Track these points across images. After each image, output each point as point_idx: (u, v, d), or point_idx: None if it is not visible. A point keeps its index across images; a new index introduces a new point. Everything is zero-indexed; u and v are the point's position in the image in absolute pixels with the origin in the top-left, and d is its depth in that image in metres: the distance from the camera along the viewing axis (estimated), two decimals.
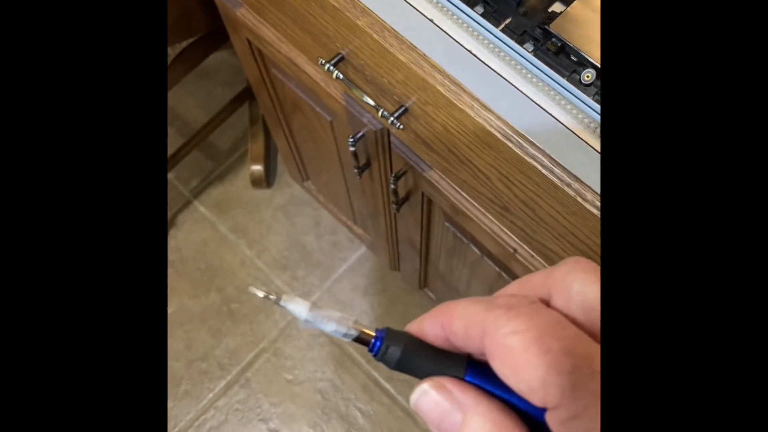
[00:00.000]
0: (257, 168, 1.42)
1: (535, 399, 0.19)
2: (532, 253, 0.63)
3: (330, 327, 0.23)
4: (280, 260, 1.39)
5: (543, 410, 0.20)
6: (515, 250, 0.64)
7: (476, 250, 0.76)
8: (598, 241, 0.50)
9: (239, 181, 1.47)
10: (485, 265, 0.77)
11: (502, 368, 0.20)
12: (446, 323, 0.22)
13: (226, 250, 1.41)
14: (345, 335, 0.23)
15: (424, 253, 0.97)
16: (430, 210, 0.80)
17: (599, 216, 0.47)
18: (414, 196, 0.78)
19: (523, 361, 0.19)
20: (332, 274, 1.38)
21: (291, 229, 1.43)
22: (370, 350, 0.23)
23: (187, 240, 1.41)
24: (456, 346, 0.23)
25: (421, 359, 0.23)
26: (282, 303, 0.23)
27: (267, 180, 1.45)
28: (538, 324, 0.20)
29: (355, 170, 0.81)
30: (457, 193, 0.67)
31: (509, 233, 0.64)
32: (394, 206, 0.81)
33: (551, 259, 0.60)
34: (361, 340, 0.23)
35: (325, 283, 1.37)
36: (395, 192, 0.77)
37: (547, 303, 0.22)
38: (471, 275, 0.86)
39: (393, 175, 0.74)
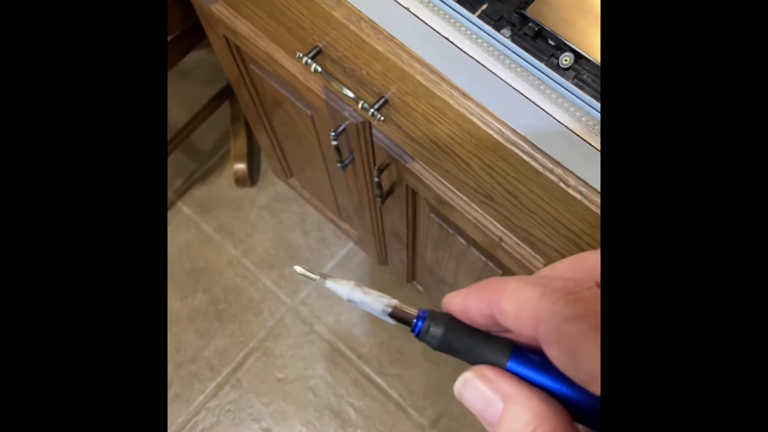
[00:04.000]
0: (240, 166, 1.41)
1: (597, 389, 0.19)
2: (518, 241, 0.63)
3: (373, 306, 0.24)
4: (267, 258, 1.38)
5: (590, 396, 0.19)
6: (500, 239, 0.64)
7: (462, 240, 0.76)
8: (583, 226, 0.50)
9: (223, 181, 1.46)
10: (472, 255, 0.77)
11: (559, 356, 0.19)
12: (494, 302, 0.21)
13: (212, 251, 1.40)
14: (390, 314, 0.24)
15: (411, 245, 0.97)
16: (414, 202, 0.80)
17: (583, 201, 0.47)
18: (398, 188, 0.78)
19: (582, 349, 0.19)
20: (320, 270, 1.37)
21: (277, 226, 1.42)
22: (412, 330, 0.23)
23: (172, 241, 1.40)
24: (503, 327, 0.22)
25: (464, 340, 0.23)
26: (327, 284, 0.24)
27: (251, 178, 1.44)
28: (598, 310, 0.19)
29: (339, 165, 0.80)
30: (441, 184, 0.66)
31: (494, 222, 0.64)
32: (378, 199, 0.81)
33: (537, 247, 0.60)
34: (403, 320, 0.24)
35: None
36: (379, 185, 0.76)
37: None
38: (458, 266, 0.86)
39: (376, 168, 0.73)
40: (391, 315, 0.24)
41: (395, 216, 0.88)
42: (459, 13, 0.45)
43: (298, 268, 0.25)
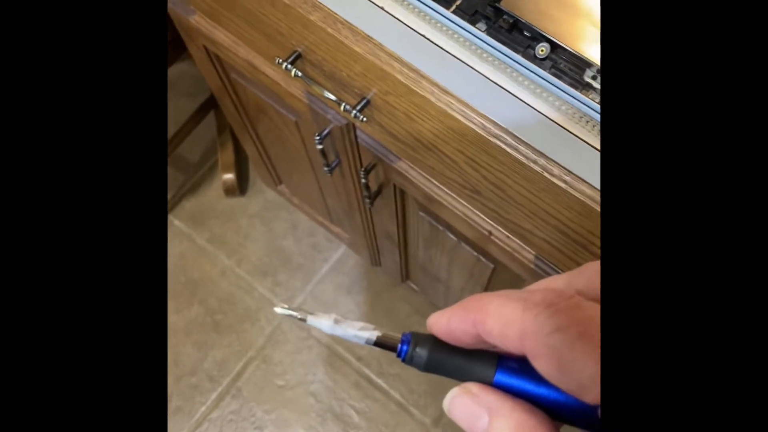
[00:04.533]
0: (229, 176, 1.41)
1: (588, 397, 0.19)
2: (507, 234, 0.64)
3: (355, 337, 0.24)
4: (260, 267, 1.38)
5: (578, 401, 0.19)
6: (490, 233, 0.64)
7: (453, 236, 0.76)
8: (570, 215, 0.50)
9: (212, 192, 1.46)
10: (463, 250, 0.77)
11: (547, 369, 0.20)
12: (479, 321, 0.22)
13: (206, 262, 1.39)
14: (374, 343, 0.24)
15: (403, 245, 0.97)
16: (403, 201, 0.80)
17: (568, 190, 0.47)
18: (386, 188, 0.78)
19: (569, 359, 0.19)
20: (314, 276, 1.37)
21: (269, 234, 1.41)
22: (398, 355, 0.24)
23: None
24: (489, 344, 0.22)
25: (450, 360, 0.23)
26: (309, 322, 0.25)
27: (240, 188, 1.44)
28: (581, 319, 0.19)
29: (326, 168, 0.80)
30: (428, 181, 0.67)
31: (483, 216, 0.64)
32: (367, 201, 0.81)
33: (527, 239, 0.61)
34: (387, 346, 0.24)
35: (307, 285, 1.36)
36: (367, 186, 0.76)
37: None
38: (451, 262, 0.86)
39: (363, 169, 0.74)
40: (376, 344, 0.24)
41: (385, 216, 0.89)
42: (434, 10, 0.45)
43: (278, 310, 0.25)
